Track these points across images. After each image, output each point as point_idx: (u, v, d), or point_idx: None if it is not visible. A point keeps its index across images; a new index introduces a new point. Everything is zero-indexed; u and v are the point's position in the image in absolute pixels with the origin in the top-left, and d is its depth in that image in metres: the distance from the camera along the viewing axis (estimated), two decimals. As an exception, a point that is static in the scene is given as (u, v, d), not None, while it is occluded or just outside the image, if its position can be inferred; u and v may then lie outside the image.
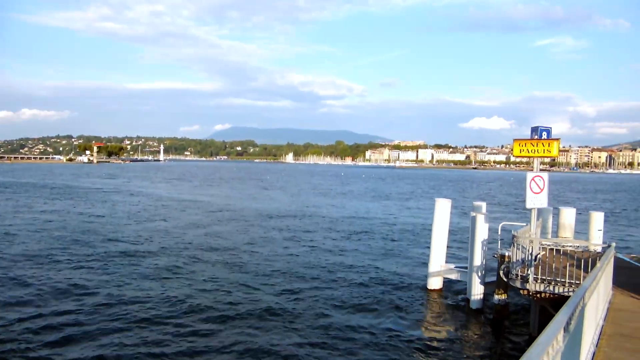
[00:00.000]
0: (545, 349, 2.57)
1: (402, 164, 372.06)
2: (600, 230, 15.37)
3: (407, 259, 20.66)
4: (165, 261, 18.69)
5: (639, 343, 7.05)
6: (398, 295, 15.11)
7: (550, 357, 2.74)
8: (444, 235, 15.52)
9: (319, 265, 18.99)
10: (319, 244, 23.88)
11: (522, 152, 11.58)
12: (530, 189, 11.26)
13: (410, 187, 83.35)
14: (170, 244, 22.30)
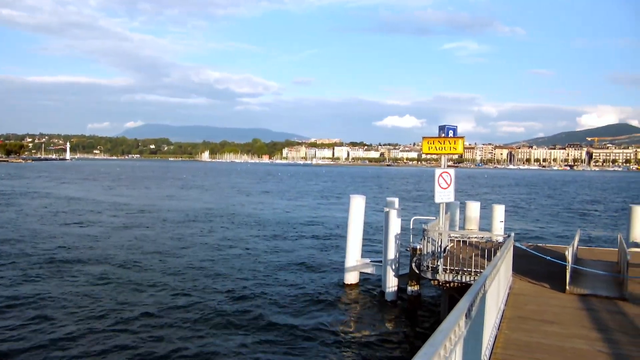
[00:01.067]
0: (448, 335, 2.76)
1: (319, 162, 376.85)
2: (501, 222, 16.51)
3: (326, 256, 20.99)
4: (91, 269, 17.38)
5: (533, 323, 7.69)
6: (316, 292, 15.33)
7: (452, 343, 2.94)
8: (359, 231, 15.94)
9: (239, 265, 18.82)
10: (241, 243, 23.64)
11: (430, 149, 12.17)
12: (438, 185, 11.87)
13: (329, 185, 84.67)
14: (93, 250, 20.83)
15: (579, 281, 11.00)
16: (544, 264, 11.46)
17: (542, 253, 12.39)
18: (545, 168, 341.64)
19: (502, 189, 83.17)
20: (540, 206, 50.78)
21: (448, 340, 2.79)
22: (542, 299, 9.58)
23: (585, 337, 7.08)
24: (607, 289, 10.33)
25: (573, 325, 7.73)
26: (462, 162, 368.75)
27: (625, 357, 6.29)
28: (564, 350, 6.38)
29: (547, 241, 23.74)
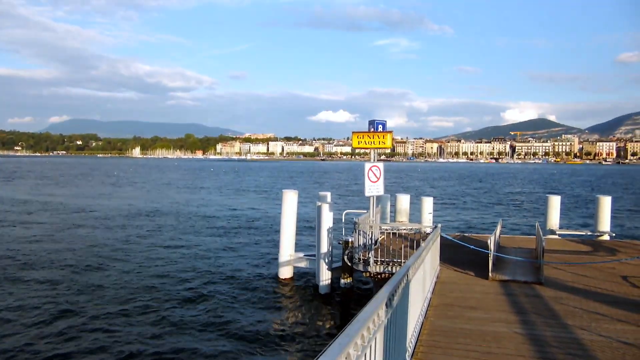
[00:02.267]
0: (365, 324, 2.79)
1: (254, 157, 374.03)
2: (430, 214, 17.06)
3: (260, 251, 20.87)
4: (30, 274, 16.18)
5: (458, 310, 8.01)
6: (250, 287, 15.22)
7: (371, 332, 2.98)
8: (292, 226, 15.95)
9: (174, 263, 18.33)
10: (175, 241, 23.04)
11: (360, 143, 12.34)
12: (368, 178, 12.07)
13: (263, 180, 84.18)
14: (31, 255, 19.35)
15: (500, 268, 11.56)
16: (470, 253, 11.95)
17: (467, 242, 12.90)
18: (473, 161, 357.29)
19: (437, 182, 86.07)
20: (470, 197, 53.00)
21: (366, 329, 2.83)
22: (466, 286, 9.99)
23: (505, 320, 7.45)
24: (526, 275, 10.92)
25: (494, 310, 8.12)
26: (395, 156, 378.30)
27: (538, 336, 6.67)
28: (485, 334, 6.68)
29: (476, 231, 24.86)
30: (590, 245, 15.46)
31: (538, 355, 5.96)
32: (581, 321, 7.51)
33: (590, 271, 11.51)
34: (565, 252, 14.16)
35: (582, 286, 10.15)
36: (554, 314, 7.90)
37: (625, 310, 8.28)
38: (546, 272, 11.14)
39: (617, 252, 14.34)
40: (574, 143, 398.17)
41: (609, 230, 17.12)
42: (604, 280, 10.70)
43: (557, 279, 10.71)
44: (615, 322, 7.57)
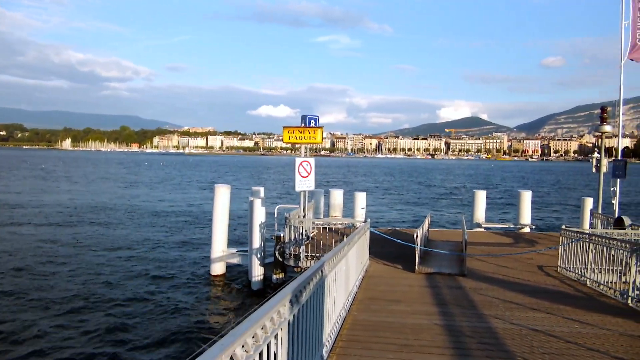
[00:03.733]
0: (259, 323, 2.73)
1: (192, 151, 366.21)
2: (363, 208, 17.29)
3: (193, 247, 20.42)
4: None
5: (382, 303, 8.14)
6: (180, 284, 14.85)
7: (269, 330, 2.92)
8: (225, 221, 15.68)
9: (110, 257, 17.59)
10: (104, 237, 22.10)
11: (290, 138, 12.30)
12: (298, 173, 12.03)
13: (201, 174, 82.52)
14: None
15: (427, 261, 11.88)
16: (400, 247, 12.18)
17: (398, 236, 13.16)
18: (410, 157, 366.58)
19: (377, 177, 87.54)
20: (407, 192, 54.30)
21: (259, 327, 2.77)
22: (393, 279, 10.18)
23: (426, 312, 7.64)
24: (451, 267, 11.28)
25: (417, 302, 8.32)
26: (334, 151, 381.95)
27: (455, 327, 6.90)
28: (405, 327, 6.82)
29: (410, 225, 25.44)
30: (512, 238, 16.23)
31: (452, 345, 6.14)
32: (497, 310, 7.84)
33: (511, 262, 12.06)
34: (489, 244, 14.77)
35: (501, 277, 10.61)
36: (473, 305, 8.19)
37: (538, 298, 8.73)
38: (470, 264, 11.56)
39: (536, 243, 15.13)
40: (504, 141, 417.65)
41: (529, 223, 18.03)
42: (522, 271, 11.24)
43: (479, 270, 11.14)
44: (527, 310, 7.96)
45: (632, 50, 14.32)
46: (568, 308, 8.16)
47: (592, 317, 7.68)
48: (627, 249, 8.99)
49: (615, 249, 9.47)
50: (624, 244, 9.18)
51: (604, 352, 6.08)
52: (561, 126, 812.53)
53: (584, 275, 10.19)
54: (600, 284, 9.64)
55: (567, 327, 7.10)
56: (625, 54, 14.33)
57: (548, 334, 6.69)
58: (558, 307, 8.17)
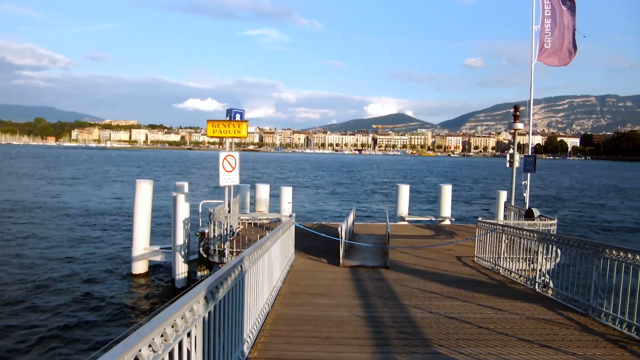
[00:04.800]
0: (167, 321, 2.64)
1: (115, 145, 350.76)
2: (289, 203, 17.29)
3: (114, 245, 19.55)
4: None
5: (306, 297, 8.18)
6: (100, 285, 14.15)
7: (180, 328, 2.83)
8: (147, 218, 15.12)
9: (24, 257, 16.42)
10: (26, 235, 20.66)
11: (215, 132, 12.04)
12: (223, 168, 11.82)
13: (125, 169, 79.21)
14: None
15: (351, 254, 12.08)
16: (326, 241, 12.28)
17: (323, 230, 13.26)
18: (338, 152, 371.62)
19: (307, 172, 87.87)
20: (336, 187, 54.94)
21: (169, 326, 2.67)
22: (318, 273, 10.26)
23: (349, 305, 7.76)
24: (374, 260, 11.53)
25: (340, 295, 8.43)
26: (263, 146, 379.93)
27: (376, 318, 7.06)
28: (328, 320, 6.89)
29: (339, 219, 25.74)
30: (433, 230, 16.86)
31: (373, 336, 6.28)
32: (417, 300, 8.11)
33: (431, 253, 12.52)
34: (411, 236, 15.26)
35: (422, 268, 10.99)
36: (394, 296, 8.42)
37: (455, 287, 9.12)
38: (393, 256, 11.89)
39: (455, 235, 15.82)
40: (428, 137, 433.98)
41: (450, 215, 18.81)
42: (441, 261, 11.70)
43: (401, 262, 11.47)
44: (445, 299, 8.30)
45: (540, 53, 15.23)
46: (482, 295, 8.59)
47: (504, 303, 8.13)
48: (535, 238, 9.58)
49: (525, 238, 10.09)
50: (533, 234, 9.79)
51: (513, 335, 6.45)
52: (481, 123, 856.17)
53: (497, 264, 10.78)
54: (512, 272, 10.24)
55: (481, 313, 7.47)
56: (535, 57, 15.23)
57: (463, 321, 7.00)
58: (473, 295, 8.58)
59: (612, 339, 6.43)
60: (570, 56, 15.48)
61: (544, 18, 15.13)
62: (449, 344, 6.04)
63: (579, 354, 5.86)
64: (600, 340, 6.40)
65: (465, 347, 5.95)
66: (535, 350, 5.93)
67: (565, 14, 15.45)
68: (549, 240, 9.12)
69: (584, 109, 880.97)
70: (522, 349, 5.94)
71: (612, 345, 6.22)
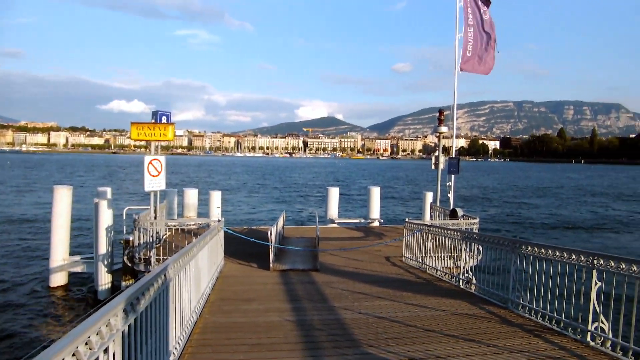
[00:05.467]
0: (80, 338, 2.47)
1: (31, 148, 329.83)
2: (218, 208, 16.96)
3: (29, 258, 18.30)
4: None
5: (236, 304, 8.02)
6: (13, 301, 13.17)
7: (96, 345, 2.66)
8: (66, 226, 14.30)
9: None
10: None
11: (139, 135, 11.58)
12: (148, 172, 11.40)
13: (47, 176, 74.59)
14: None
15: (281, 258, 12.03)
16: (256, 246, 12.14)
17: (253, 235, 13.11)
18: (269, 155, 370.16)
19: (238, 176, 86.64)
20: (267, 190, 54.58)
21: (82, 343, 2.50)
22: (248, 278, 10.11)
23: (279, 309, 7.69)
24: (305, 263, 11.55)
25: (270, 300, 8.34)
26: (192, 149, 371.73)
27: (306, 322, 7.04)
28: (258, 326, 6.79)
29: (269, 223, 25.55)
30: (363, 232, 17.14)
31: (303, 340, 6.25)
32: (346, 302, 8.18)
33: (361, 255, 12.71)
34: (341, 239, 15.42)
35: (352, 269, 11.12)
36: (324, 298, 8.45)
37: (383, 287, 9.29)
38: (323, 258, 11.95)
39: (384, 236, 16.16)
40: (358, 140, 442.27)
41: (379, 217, 19.20)
42: (370, 262, 11.90)
43: (331, 264, 11.55)
44: (374, 299, 8.43)
45: (463, 61, 15.91)
46: (409, 294, 8.81)
47: (430, 300, 8.39)
48: (459, 237, 9.97)
49: (450, 237, 10.47)
50: (457, 233, 10.18)
51: (439, 331, 6.65)
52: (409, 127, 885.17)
53: (424, 263, 11.11)
54: (438, 270, 10.59)
55: (408, 311, 7.65)
56: (459, 64, 15.88)
57: (391, 320, 7.14)
58: (401, 294, 8.78)
59: (528, 329, 6.79)
60: (490, 65, 16.29)
61: (467, 27, 15.81)
62: (378, 343, 6.13)
63: (500, 345, 6.13)
64: (518, 331, 6.75)
65: (394, 345, 6.06)
66: (459, 344, 6.14)
67: (486, 24, 16.25)
68: (471, 239, 9.51)
69: (503, 114, 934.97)
70: (448, 344, 6.14)
71: (529, 335, 6.57)
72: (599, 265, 6.09)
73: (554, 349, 6.04)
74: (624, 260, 5.77)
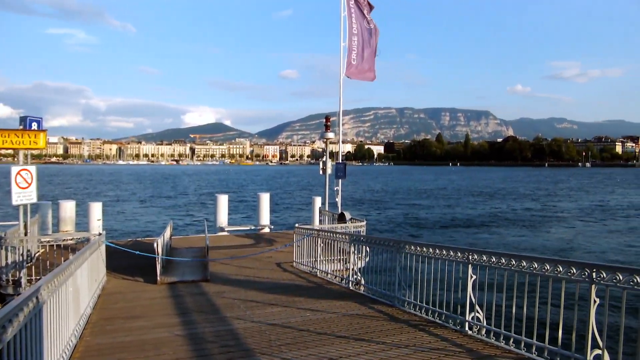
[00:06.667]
0: None
1: None
2: (99, 220, 15.89)
3: None
4: None
5: (120, 322, 7.54)
6: None
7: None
8: None
9: None
10: None
11: (5, 143, 10.48)
12: (16, 185, 10.38)
13: None
14: None
15: (170, 270, 11.56)
16: (143, 259, 11.54)
17: (138, 247, 12.45)
18: (155, 163, 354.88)
19: (121, 185, 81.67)
20: (153, 199, 52.13)
21: None
22: (134, 294, 9.58)
23: (168, 324, 7.37)
24: (194, 274, 11.19)
25: (158, 315, 7.97)
26: (69, 157, 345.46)
27: (197, 335, 6.82)
28: (145, 344, 6.45)
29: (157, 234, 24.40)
30: (253, 239, 17.04)
31: (194, 354, 6.05)
32: (238, 311, 8.07)
33: (252, 262, 12.62)
34: (232, 247, 15.21)
35: (243, 277, 11.00)
36: (215, 309, 8.26)
37: (275, 294, 9.31)
38: (213, 268, 11.70)
39: (275, 242, 16.20)
40: (246, 146, 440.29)
41: (269, 223, 19.21)
42: (262, 269, 11.86)
43: (222, 273, 11.34)
44: (266, 306, 8.41)
45: (348, 68, 16.47)
46: (301, 299, 8.91)
47: (321, 304, 8.55)
48: (347, 240, 10.29)
49: (339, 241, 10.77)
50: (345, 236, 10.50)
51: (331, 333, 6.80)
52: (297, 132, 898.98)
53: (315, 267, 11.31)
54: (328, 273, 10.84)
55: (301, 316, 7.73)
56: (344, 72, 16.42)
57: (284, 326, 7.16)
58: (293, 300, 8.85)
59: (414, 324, 7.19)
60: (372, 72, 17.04)
61: (351, 36, 16.39)
62: (271, 351, 6.12)
63: (388, 342, 6.42)
64: (404, 326, 7.11)
65: (287, 351, 6.09)
66: (351, 345, 6.33)
67: (371, 32, 16.99)
68: (359, 241, 9.87)
69: (386, 120, 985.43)
70: (340, 346, 6.29)
71: (414, 329, 6.96)
72: (474, 260, 6.63)
73: (437, 341, 6.45)
74: (494, 254, 6.34)
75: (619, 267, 4.89)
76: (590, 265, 5.11)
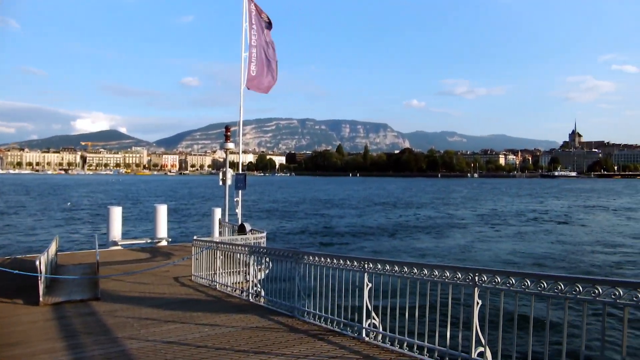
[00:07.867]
0: None
1: None
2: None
3: None
4: None
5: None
6: None
7: None
8: None
9: None
10: None
11: None
12: None
13: None
14: None
15: (55, 290, 10.71)
16: (22, 278, 10.53)
17: (18, 266, 11.39)
18: (40, 172, 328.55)
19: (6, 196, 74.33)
20: (37, 212, 48.05)
21: None
22: (11, 318, 8.73)
23: (51, 350, 6.80)
24: (83, 292, 10.46)
25: (40, 340, 7.32)
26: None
27: (84, 359, 6.37)
28: (24, 372, 5.90)
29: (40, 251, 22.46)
30: (149, 252, 16.31)
31: (80, 380, 5.63)
32: (132, 330, 7.65)
33: (148, 277, 12.05)
34: (126, 262, 14.43)
35: (138, 294, 10.47)
36: (106, 329, 7.77)
37: (172, 310, 8.96)
38: (105, 285, 11.02)
39: (172, 255, 15.63)
40: (144, 155, 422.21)
41: (166, 236, 18.51)
42: (158, 285, 11.37)
43: (115, 291, 10.71)
44: (162, 323, 8.06)
45: (248, 79, 16.39)
46: (200, 314, 8.66)
47: (220, 318, 8.36)
48: (247, 251, 10.18)
49: (239, 253, 10.63)
50: (245, 248, 10.39)
51: (230, 348, 6.66)
52: (197, 142, 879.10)
53: (214, 280, 11.05)
54: (228, 286, 10.64)
55: (199, 332, 7.50)
56: (244, 82, 16.31)
57: (181, 344, 6.90)
58: (191, 315, 8.57)
59: (313, 334, 7.26)
60: (270, 84, 17.10)
61: (251, 47, 16.35)
62: (166, 371, 5.86)
63: (287, 353, 6.42)
64: (304, 337, 7.16)
65: (183, 370, 5.86)
66: (250, 358, 6.24)
67: (268, 45, 17.05)
68: (259, 253, 9.81)
69: (288, 130, 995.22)
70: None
71: (314, 339, 7.03)
72: (369, 268, 6.86)
73: (335, 349, 6.56)
74: (388, 263, 6.61)
75: (498, 271, 5.32)
76: (474, 269, 5.51)
